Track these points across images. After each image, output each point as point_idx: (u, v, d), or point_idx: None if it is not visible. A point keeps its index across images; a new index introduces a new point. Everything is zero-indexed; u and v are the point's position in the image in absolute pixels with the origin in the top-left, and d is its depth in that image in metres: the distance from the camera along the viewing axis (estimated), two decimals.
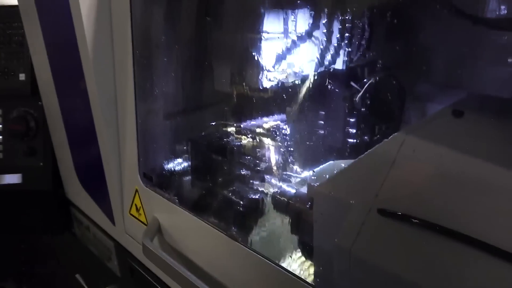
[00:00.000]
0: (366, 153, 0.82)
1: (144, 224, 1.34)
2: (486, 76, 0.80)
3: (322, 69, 1.05)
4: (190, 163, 1.38)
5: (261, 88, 1.16)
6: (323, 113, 1.09)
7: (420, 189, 0.74)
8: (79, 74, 1.26)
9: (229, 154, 1.27)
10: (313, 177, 0.99)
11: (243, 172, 1.26)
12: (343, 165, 0.95)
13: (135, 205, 1.37)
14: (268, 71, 1.15)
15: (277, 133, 1.18)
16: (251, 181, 1.25)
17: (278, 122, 1.19)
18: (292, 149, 1.19)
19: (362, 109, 0.99)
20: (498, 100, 0.79)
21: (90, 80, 1.24)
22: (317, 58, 1.05)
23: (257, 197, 1.23)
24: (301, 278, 0.87)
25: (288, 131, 1.18)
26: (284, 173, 1.19)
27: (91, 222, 1.64)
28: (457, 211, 0.69)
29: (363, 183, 0.82)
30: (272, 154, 1.20)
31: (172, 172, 1.40)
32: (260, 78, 1.16)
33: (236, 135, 1.27)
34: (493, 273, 0.65)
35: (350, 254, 0.77)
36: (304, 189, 1.06)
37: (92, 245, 1.71)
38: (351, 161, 0.88)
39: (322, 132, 1.10)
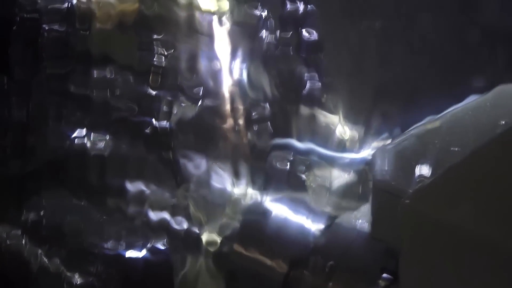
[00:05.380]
0: None
1: None
2: None
3: None
4: None
5: None
6: None
7: None
8: None
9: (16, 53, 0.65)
10: (402, 156, 0.53)
11: (88, 141, 0.69)
12: None
13: None
14: None
15: None
16: (124, 183, 0.68)
17: None
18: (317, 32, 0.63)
19: None
20: None
21: None
22: None
23: (150, 255, 0.68)
24: None
25: None
26: (277, 144, 0.65)
27: None
28: None
29: None
30: (221, 55, 0.64)
31: None
32: None
33: None
34: None
35: None
36: (359, 218, 0.60)
37: None
38: None
39: None
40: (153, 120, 0.66)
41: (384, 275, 0.53)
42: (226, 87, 0.67)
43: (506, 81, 0.55)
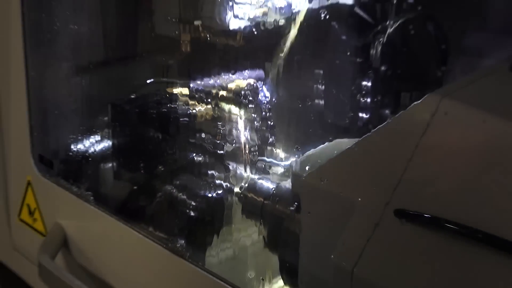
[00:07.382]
0: (381, 126, 0.60)
1: (42, 234, 0.99)
2: None
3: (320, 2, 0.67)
4: (113, 142, 0.99)
5: (226, 30, 0.84)
6: (321, 71, 0.79)
7: (464, 178, 0.51)
8: None
9: (173, 129, 0.99)
10: (302, 164, 0.74)
11: (196, 157, 1.00)
12: (347, 145, 0.66)
13: (28, 205, 0.99)
14: (238, 3, 0.80)
15: (250, 99, 0.89)
16: (208, 171, 0.98)
17: (252, 81, 0.88)
18: (272, 122, 0.92)
19: (382, 66, 0.67)
20: None
21: None
22: None
23: (216, 195, 0.98)
24: None
25: (267, 96, 0.88)
26: (260, 159, 0.96)
27: None
28: None
29: (375, 171, 0.60)
30: (241, 130, 0.97)
31: (86, 156, 1.00)
32: (225, 15, 0.83)
33: (185, 100, 0.96)
34: None
35: (353, 277, 0.56)
36: (288, 183, 0.82)
37: None
38: (360, 139, 0.63)
39: (320, 99, 0.81)
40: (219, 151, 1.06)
41: (296, 203, 0.80)
42: (242, 138, 1.06)
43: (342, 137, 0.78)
